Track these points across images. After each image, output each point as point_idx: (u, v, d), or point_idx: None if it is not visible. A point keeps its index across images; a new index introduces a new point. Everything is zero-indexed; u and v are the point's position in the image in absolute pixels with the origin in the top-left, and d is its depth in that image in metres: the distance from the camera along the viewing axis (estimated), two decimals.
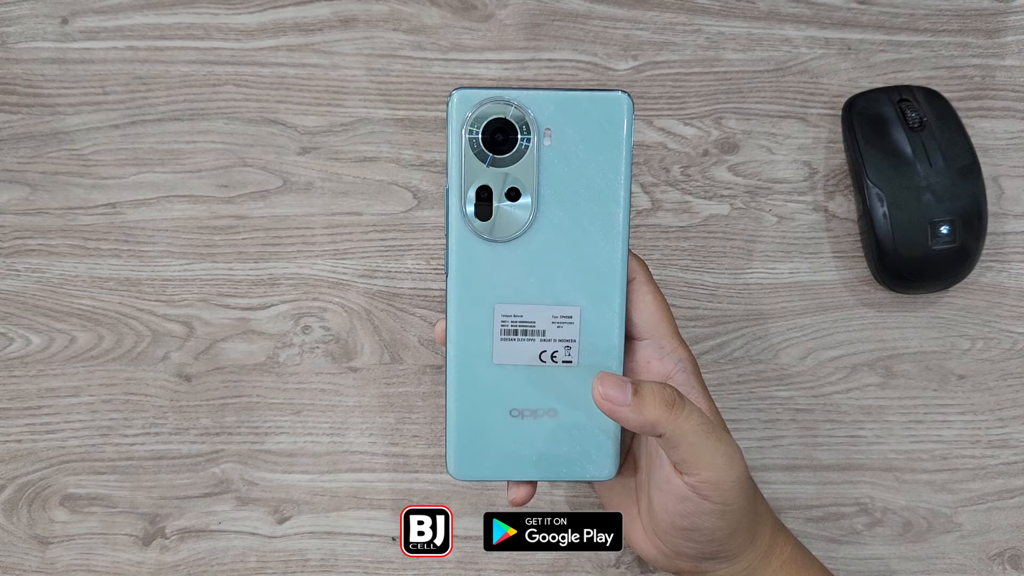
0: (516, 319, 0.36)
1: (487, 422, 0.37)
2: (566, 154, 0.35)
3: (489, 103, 0.35)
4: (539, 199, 0.35)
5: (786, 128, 0.50)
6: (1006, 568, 0.47)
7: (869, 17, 0.51)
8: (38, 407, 0.48)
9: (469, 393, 0.37)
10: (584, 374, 0.36)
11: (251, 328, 0.48)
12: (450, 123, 0.35)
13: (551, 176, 0.35)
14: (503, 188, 0.35)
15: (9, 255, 0.49)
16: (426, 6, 0.51)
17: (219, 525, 0.47)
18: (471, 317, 0.36)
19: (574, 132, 0.35)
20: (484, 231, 0.35)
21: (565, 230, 0.35)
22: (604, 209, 0.35)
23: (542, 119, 0.35)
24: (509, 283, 0.36)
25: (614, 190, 0.35)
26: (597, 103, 0.35)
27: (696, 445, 0.34)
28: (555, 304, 0.36)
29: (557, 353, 0.36)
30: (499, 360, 0.36)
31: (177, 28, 0.50)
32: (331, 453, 0.48)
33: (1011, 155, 0.50)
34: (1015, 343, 0.49)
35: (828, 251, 0.49)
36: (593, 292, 0.36)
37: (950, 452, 0.48)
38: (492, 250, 0.35)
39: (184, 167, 0.49)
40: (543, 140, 0.35)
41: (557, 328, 0.36)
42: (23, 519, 0.47)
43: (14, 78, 0.50)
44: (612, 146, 0.35)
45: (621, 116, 0.35)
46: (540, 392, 0.37)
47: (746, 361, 0.48)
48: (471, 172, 0.35)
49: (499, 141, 0.35)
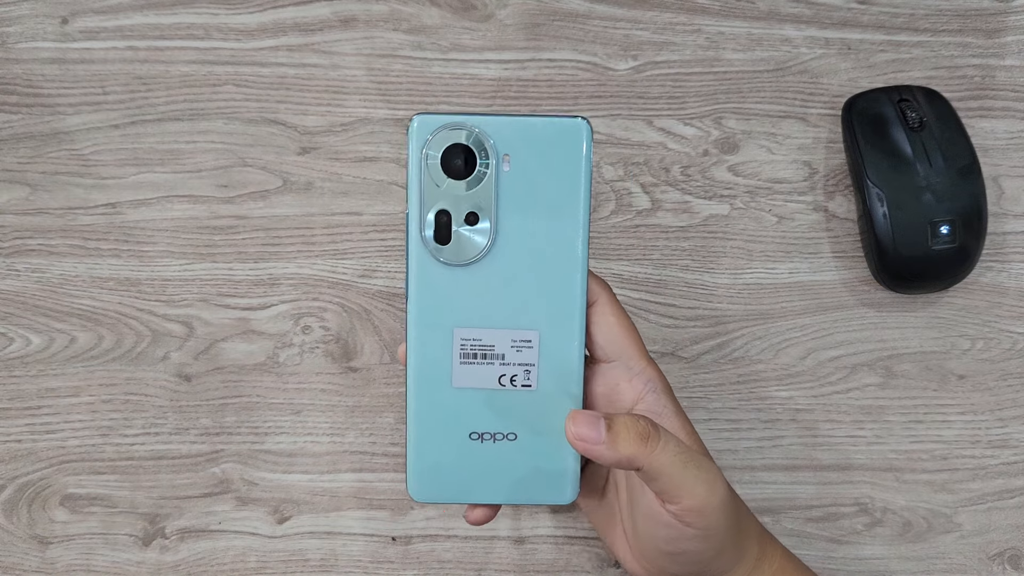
0: (475, 343, 0.36)
1: (447, 445, 0.37)
2: (525, 179, 0.35)
3: (448, 128, 0.35)
4: (498, 223, 0.35)
5: (786, 128, 0.50)
6: (1006, 568, 0.47)
7: (869, 17, 0.51)
8: (38, 407, 0.48)
9: (429, 416, 0.37)
10: (543, 398, 0.37)
11: (251, 328, 0.48)
12: (410, 148, 0.35)
13: (510, 201, 0.35)
14: (462, 213, 0.35)
15: (9, 255, 0.49)
16: (426, 6, 0.51)
17: (219, 525, 0.47)
18: (431, 340, 0.36)
19: (533, 158, 0.35)
20: (444, 255, 0.35)
21: (524, 254, 0.36)
22: (563, 234, 0.35)
23: (501, 145, 0.35)
24: (468, 307, 0.36)
25: (573, 215, 0.35)
26: (556, 129, 0.35)
27: (675, 476, 0.34)
28: (514, 328, 0.36)
29: (516, 377, 0.36)
30: (459, 383, 0.36)
31: (177, 28, 0.50)
32: (331, 453, 0.48)
33: (1011, 155, 0.50)
34: (1015, 343, 0.49)
35: (828, 251, 0.49)
36: (552, 316, 0.36)
37: (950, 452, 0.48)
38: (451, 274, 0.36)
39: (184, 167, 0.49)
40: (502, 165, 0.35)
41: (516, 352, 0.36)
42: (23, 519, 0.47)
43: (14, 78, 0.50)
44: (571, 172, 0.35)
45: (580, 142, 0.35)
46: (499, 416, 0.37)
47: (746, 361, 0.48)
48: (430, 196, 0.35)
49: (458, 166, 0.35)
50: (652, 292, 0.49)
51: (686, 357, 0.48)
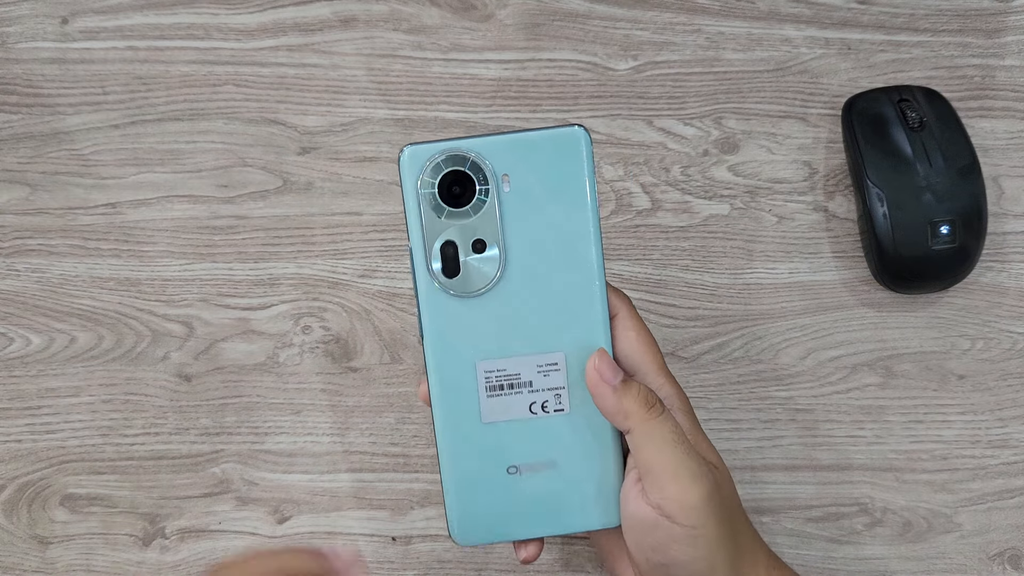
0: (500, 374, 0.35)
1: (485, 483, 0.35)
2: (528, 198, 0.34)
3: (441, 156, 0.34)
4: (506, 248, 0.34)
5: (786, 128, 0.50)
6: (1006, 568, 0.47)
7: (869, 17, 0.51)
8: (38, 407, 0.48)
9: (462, 456, 0.35)
10: (578, 420, 0.35)
11: (251, 328, 0.48)
12: (404, 182, 0.34)
13: (516, 222, 0.34)
14: (468, 241, 0.34)
15: (9, 255, 0.49)
16: (426, 6, 0.51)
17: (219, 525, 0.47)
18: (453, 377, 0.35)
19: (532, 174, 0.34)
20: (454, 288, 0.34)
21: (538, 276, 0.34)
22: (575, 249, 0.34)
23: (498, 165, 0.34)
24: (488, 338, 0.35)
25: (582, 228, 0.34)
26: (552, 141, 0.34)
27: (662, 452, 0.33)
28: (538, 352, 0.35)
29: (548, 403, 0.35)
30: (488, 418, 0.35)
31: (177, 28, 0.50)
32: (331, 453, 0.48)
33: (1011, 155, 0.50)
34: (1015, 343, 0.49)
35: (828, 251, 0.49)
36: (576, 335, 0.35)
37: (950, 452, 0.48)
38: (465, 306, 0.34)
39: (184, 167, 0.49)
40: (502, 187, 0.34)
41: (544, 377, 0.35)
42: (23, 519, 0.47)
43: (14, 78, 0.50)
44: (574, 184, 0.34)
45: (579, 151, 0.34)
46: (536, 445, 0.35)
47: (746, 361, 0.48)
48: (432, 229, 0.34)
49: (457, 194, 0.34)
50: (652, 292, 0.49)
51: (686, 357, 0.48)
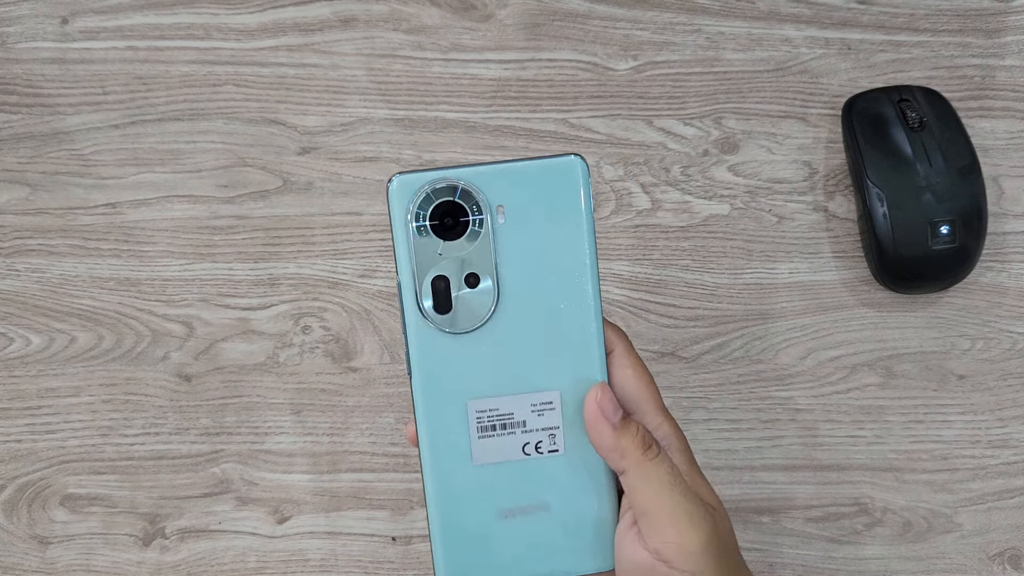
0: (492, 413, 0.33)
1: (475, 528, 0.34)
2: (523, 230, 0.33)
3: (433, 186, 0.32)
4: (500, 282, 0.33)
5: (786, 128, 0.50)
6: (1006, 568, 0.47)
7: (869, 17, 0.51)
8: (38, 407, 0.48)
9: (452, 499, 0.34)
10: (573, 461, 0.34)
11: (251, 328, 0.48)
12: (392, 212, 0.32)
13: (510, 255, 0.33)
14: (461, 275, 0.33)
15: (9, 255, 0.49)
16: (426, 6, 0.51)
17: (219, 525, 0.47)
18: (443, 418, 0.33)
19: (528, 205, 0.33)
20: (445, 324, 0.33)
21: (533, 311, 0.33)
22: (571, 282, 0.33)
23: (492, 196, 0.32)
24: (480, 376, 0.33)
25: (579, 260, 0.33)
26: (548, 171, 0.33)
27: (659, 495, 0.32)
28: (532, 391, 0.33)
29: (541, 443, 0.34)
30: (479, 460, 0.33)
31: (177, 28, 0.50)
32: (331, 453, 0.48)
33: (1011, 155, 0.50)
34: (1015, 343, 0.49)
35: (828, 251, 0.49)
36: (571, 373, 0.33)
37: (950, 452, 0.48)
38: (457, 343, 0.33)
39: (184, 167, 0.49)
40: (496, 218, 0.32)
41: (538, 417, 0.34)
42: (23, 519, 0.47)
43: (14, 78, 0.50)
44: (570, 215, 0.33)
45: (576, 182, 0.33)
46: (528, 488, 0.34)
47: (746, 361, 0.48)
48: (423, 263, 0.32)
49: (449, 226, 0.32)
50: (652, 292, 0.49)
51: (686, 357, 0.48)
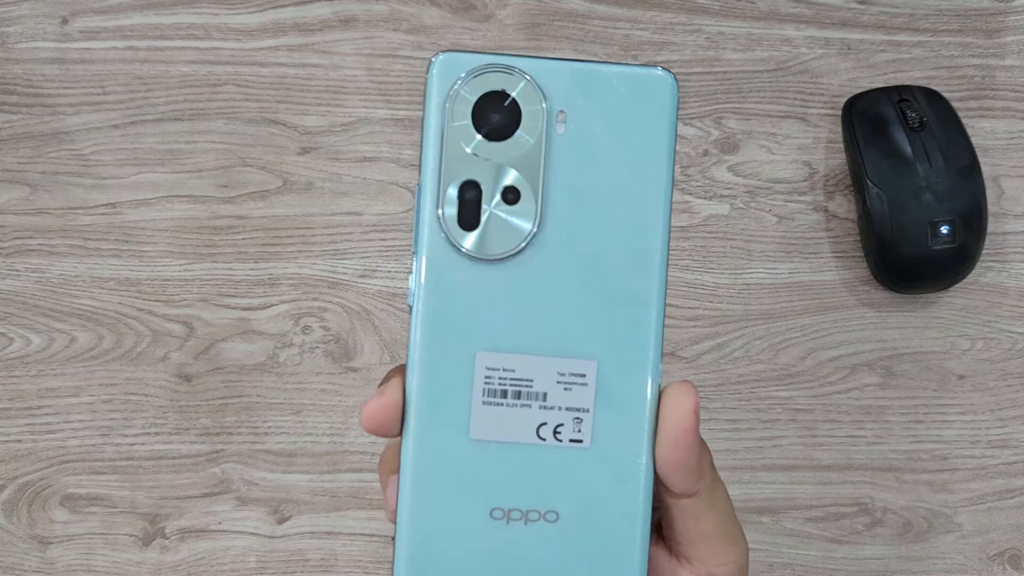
0: (506, 375, 0.26)
1: (456, 525, 0.26)
2: (586, 147, 0.26)
3: (484, 73, 0.26)
4: (546, 204, 0.26)
5: (786, 128, 0.50)
6: (1006, 568, 0.47)
7: (869, 17, 0.51)
8: (38, 407, 0.48)
9: (433, 480, 0.26)
10: (601, 459, 0.26)
11: (251, 328, 0.48)
12: (429, 96, 0.26)
13: (564, 175, 0.26)
14: (497, 186, 0.26)
15: (9, 255, 0.49)
16: (426, 6, 0.51)
17: (219, 525, 0.47)
18: (442, 369, 0.26)
19: (598, 118, 0.26)
20: (468, 245, 0.26)
21: (580, 251, 0.26)
22: (636, 225, 0.26)
23: (555, 98, 0.26)
24: (498, 322, 0.26)
25: (651, 199, 0.26)
26: (629, 82, 0.26)
27: (725, 516, 0.27)
28: (563, 356, 0.26)
29: (563, 428, 0.26)
30: (479, 434, 0.26)
31: (177, 28, 0.50)
32: (331, 453, 0.48)
33: (1011, 155, 0.50)
34: (1015, 343, 0.49)
35: (828, 251, 0.49)
36: (617, 340, 0.26)
37: (950, 452, 0.48)
38: (477, 273, 0.26)
39: (184, 167, 0.49)
40: (555, 126, 0.26)
41: (564, 391, 0.26)
42: (23, 519, 0.47)
43: (14, 78, 0.50)
44: (649, 140, 0.26)
45: (663, 100, 0.26)
46: (535, 485, 0.26)
47: (746, 361, 0.48)
48: (454, 164, 0.26)
49: (495, 123, 0.26)
50: None
51: (686, 357, 0.48)
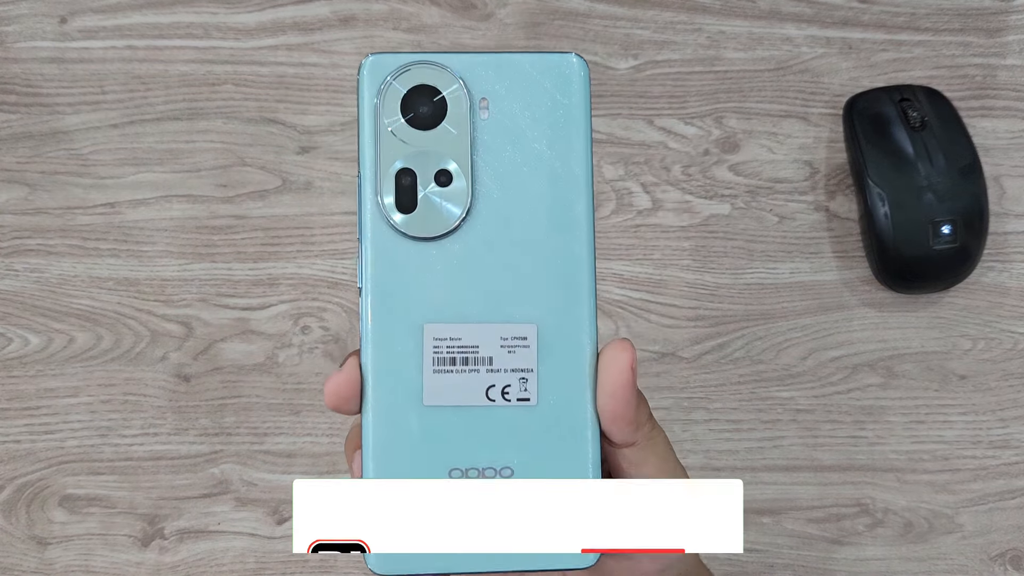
0: (453, 343, 0.28)
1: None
2: (508, 129, 0.29)
3: (409, 69, 0.28)
4: (476, 184, 0.28)
5: (787, 127, 0.50)
6: (1007, 569, 0.47)
7: (870, 16, 0.51)
8: (37, 407, 0.48)
9: (393, 446, 0.28)
10: (547, 416, 0.28)
11: (250, 328, 0.48)
12: (362, 94, 0.28)
13: (491, 156, 0.28)
14: (430, 171, 0.28)
15: (8, 255, 0.49)
16: (426, 5, 0.51)
17: (218, 526, 0.47)
18: (394, 343, 0.28)
19: (517, 103, 0.29)
20: (407, 226, 0.28)
21: (512, 222, 0.28)
22: (561, 195, 0.28)
23: (476, 87, 0.28)
24: (442, 295, 0.28)
25: (571, 171, 0.28)
26: (543, 67, 0.29)
27: (666, 461, 0.29)
28: (504, 321, 0.28)
29: (510, 388, 0.28)
30: (431, 400, 0.28)
31: (176, 27, 0.50)
32: (330, 453, 0.48)
33: (1012, 155, 0.50)
34: (1016, 343, 0.48)
35: (829, 251, 0.49)
36: (553, 303, 0.28)
37: (951, 453, 0.48)
38: (419, 251, 0.28)
39: (183, 167, 0.49)
40: (478, 112, 0.28)
41: (508, 354, 0.28)
42: (22, 520, 0.47)
43: (13, 78, 0.50)
44: (565, 119, 0.29)
45: (574, 82, 0.29)
46: (489, 444, 0.28)
47: (747, 361, 0.48)
48: (389, 153, 0.28)
49: (424, 114, 0.28)
50: (653, 292, 0.49)
51: (687, 357, 0.48)
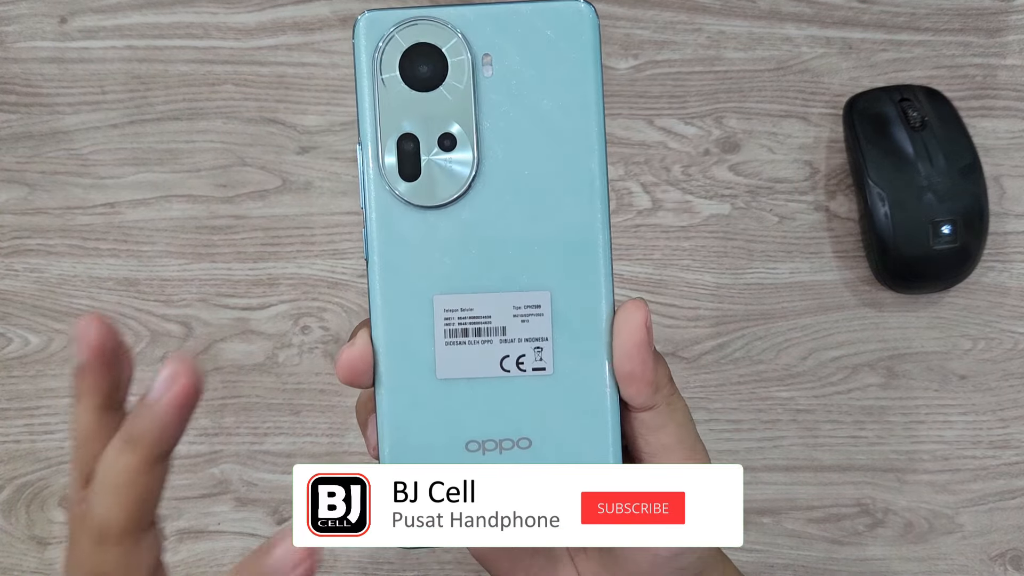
0: (464, 314, 0.27)
1: (435, 459, 0.27)
2: (514, 86, 0.27)
3: (407, 27, 0.27)
4: (482, 147, 0.27)
5: (787, 127, 0.50)
6: (1007, 569, 0.47)
7: (870, 16, 0.51)
8: (36, 407, 0.48)
9: (408, 423, 0.27)
10: (565, 384, 0.27)
11: (250, 328, 0.48)
12: (358, 56, 0.27)
13: (496, 116, 0.27)
14: (433, 135, 0.27)
15: (8, 255, 0.49)
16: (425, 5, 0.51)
17: (218, 526, 0.47)
18: (402, 316, 0.27)
19: (521, 57, 0.27)
20: (412, 194, 0.27)
21: (521, 186, 0.27)
22: (572, 154, 0.27)
23: (478, 43, 0.27)
24: (451, 264, 0.27)
25: (583, 130, 0.27)
26: (547, 17, 0.27)
27: (684, 427, 0.28)
28: (516, 290, 0.27)
29: (524, 358, 0.27)
30: (445, 373, 0.27)
31: (176, 27, 0.50)
32: (330, 454, 0.48)
33: (1013, 155, 0.50)
34: (1017, 343, 0.48)
35: (829, 251, 0.49)
36: (567, 269, 0.27)
37: (951, 453, 0.48)
38: (424, 221, 0.27)
39: (183, 167, 0.49)
40: (482, 70, 0.27)
41: (522, 324, 0.27)
42: (22, 520, 0.47)
43: (13, 77, 0.50)
44: (575, 71, 0.27)
45: (583, 32, 0.27)
46: (505, 415, 0.27)
47: (747, 361, 0.48)
48: (390, 119, 0.27)
49: (424, 75, 0.27)
50: (653, 292, 0.49)
51: (687, 357, 0.48)
